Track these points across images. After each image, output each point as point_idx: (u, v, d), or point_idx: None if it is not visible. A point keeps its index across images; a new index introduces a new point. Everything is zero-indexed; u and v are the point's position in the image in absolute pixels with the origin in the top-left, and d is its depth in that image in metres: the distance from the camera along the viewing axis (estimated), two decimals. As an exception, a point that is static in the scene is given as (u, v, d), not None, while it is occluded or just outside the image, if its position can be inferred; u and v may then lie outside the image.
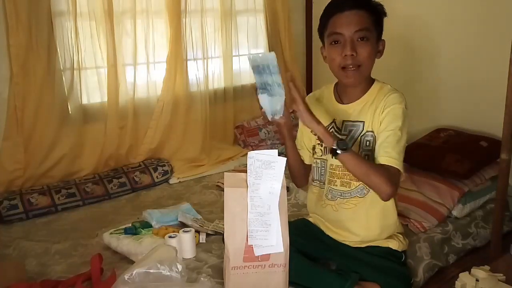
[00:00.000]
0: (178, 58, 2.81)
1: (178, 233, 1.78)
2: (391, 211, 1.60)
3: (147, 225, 1.96)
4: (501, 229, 1.96)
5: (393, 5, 2.62)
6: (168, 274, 1.31)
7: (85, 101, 2.63)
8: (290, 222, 1.45)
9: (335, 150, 1.37)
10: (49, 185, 2.45)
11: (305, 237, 1.65)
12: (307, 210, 1.80)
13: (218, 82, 3.09)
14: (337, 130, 1.58)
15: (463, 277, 1.37)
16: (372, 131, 1.52)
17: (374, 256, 1.57)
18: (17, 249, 1.96)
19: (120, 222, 2.07)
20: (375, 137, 1.51)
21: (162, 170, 2.71)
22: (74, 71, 2.53)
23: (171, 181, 2.72)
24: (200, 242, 1.87)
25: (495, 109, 2.14)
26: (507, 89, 1.77)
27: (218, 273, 1.63)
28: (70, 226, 2.20)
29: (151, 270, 1.30)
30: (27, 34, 2.33)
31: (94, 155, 2.65)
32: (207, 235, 1.92)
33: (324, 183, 1.63)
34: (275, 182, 1.39)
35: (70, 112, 2.59)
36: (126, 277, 1.28)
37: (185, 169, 2.82)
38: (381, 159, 1.44)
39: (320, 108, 1.63)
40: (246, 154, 1.41)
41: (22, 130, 2.42)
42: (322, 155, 1.63)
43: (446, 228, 2.00)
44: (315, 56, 3.42)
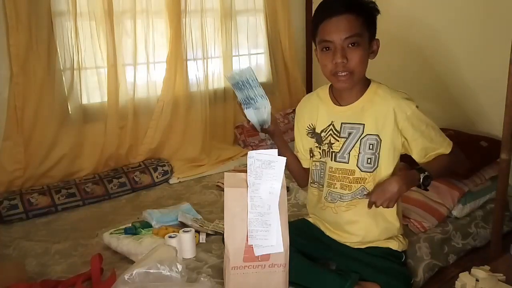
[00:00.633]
0: (178, 58, 2.81)
1: (178, 233, 1.78)
2: (392, 213, 1.59)
3: (147, 225, 1.96)
4: (501, 229, 1.95)
5: (393, 5, 2.63)
6: (168, 274, 1.30)
7: (85, 101, 2.64)
8: (290, 222, 1.45)
9: (426, 186, 1.47)
10: (49, 185, 2.45)
11: (305, 237, 1.65)
12: (307, 210, 1.80)
13: (218, 82, 3.09)
14: (335, 133, 1.58)
15: (463, 277, 1.37)
16: (376, 135, 1.51)
17: (374, 256, 1.57)
18: (17, 249, 1.96)
19: (120, 222, 2.07)
20: (380, 140, 1.51)
21: (162, 170, 2.71)
22: (74, 71, 2.53)
23: (171, 181, 2.72)
24: (200, 242, 1.87)
25: (495, 109, 2.14)
26: (507, 89, 1.76)
27: (218, 273, 1.63)
28: (70, 226, 2.20)
29: (151, 270, 1.30)
30: (27, 34, 2.33)
31: (94, 155, 2.65)
32: (207, 235, 1.92)
33: (323, 186, 1.63)
34: (275, 182, 1.39)
35: (70, 112, 2.59)
36: (126, 277, 1.28)
37: (185, 169, 2.82)
38: (441, 152, 1.55)
39: (321, 108, 1.62)
40: (246, 154, 1.41)
41: (22, 130, 2.42)
42: (321, 158, 1.63)
43: (446, 228, 2.00)
44: (315, 56, 3.41)
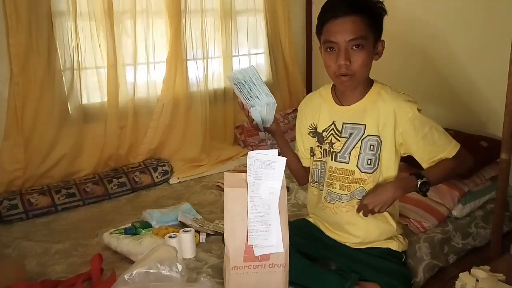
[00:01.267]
0: (178, 58, 2.81)
1: (178, 233, 1.78)
2: (391, 214, 1.60)
3: (147, 225, 1.96)
4: (501, 229, 1.95)
5: (394, 5, 2.63)
6: (168, 274, 1.30)
7: (85, 101, 2.64)
8: (290, 222, 1.45)
9: (424, 192, 1.47)
10: (49, 185, 2.46)
11: (305, 237, 1.65)
12: (307, 210, 1.80)
13: (218, 82, 3.09)
14: (336, 132, 1.58)
15: (463, 277, 1.37)
16: (377, 136, 1.51)
17: (374, 256, 1.57)
18: (17, 249, 1.96)
19: (120, 222, 2.07)
20: (380, 142, 1.51)
21: (162, 170, 2.71)
22: (74, 71, 2.53)
23: (171, 181, 2.72)
24: (200, 242, 1.87)
25: (495, 109, 2.14)
26: (507, 89, 1.76)
27: (218, 273, 1.63)
28: (70, 226, 2.20)
29: (151, 270, 1.30)
30: (27, 34, 2.33)
31: (94, 155, 2.65)
32: (207, 235, 1.92)
33: (323, 185, 1.63)
34: (275, 182, 1.39)
35: (70, 112, 2.59)
36: (126, 277, 1.28)
37: (185, 169, 2.82)
38: (445, 156, 1.51)
39: (323, 108, 1.62)
40: (246, 154, 1.41)
41: (22, 130, 2.42)
42: (321, 157, 1.63)
43: (446, 228, 2.00)
44: (315, 56, 3.42)
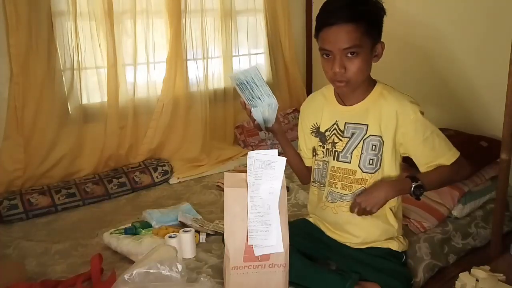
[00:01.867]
0: (178, 58, 2.81)
1: (178, 233, 1.78)
2: (392, 215, 1.60)
3: (147, 225, 1.95)
4: (501, 229, 1.95)
5: (395, 6, 2.63)
6: (168, 274, 1.30)
7: (85, 101, 2.64)
8: (290, 222, 1.45)
9: (418, 195, 1.49)
10: (49, 185, 2.45)
11: (305, 237, 1.65)
12: (307, 210, 1.80)
13: (218, 82, 3.09)
14: (339, 132, 1.58)
15: (463, 277, 1.37)
16: (379, 136, 1.51)
17: (374, 256, 1.57)
18: (17, 249, 1.96)
19: (120, 222, 2.07)
20: (382, 142, 1.51)
21: (162, 170, 2.71)
22: (74, 71, 2.53)
23: (171, 181, 2.72)
24: (200, 242, 1.87)
25: (495, 109, 2.14)
26: (507, 89, 1.76)
27: (218, 273, 1.63)
28: (70, 226, 2.20)
29: (151, 270, 1.30)
30: (27, 34, 2.33)
31: (94, 155, 2.65)
32: (207, 235, 1.92)
33: (324, 185, 1.63)
34: (275, 182, 1.39)
35: (70, 112, 2.59)
36: (126, 277, 1.28)
37: (185, 169, 2.82)
38: (443, 162, 1.52)
39: (326, 108, 1.63)
40: (246, 154, 1.41)
41: (22, 130, 2.42)
42: (323, 157, 1.63)
43: (446, 228, 2.00)
44: (315, 56, 3.41)
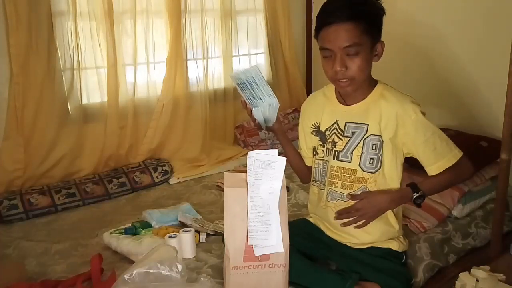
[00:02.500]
0: (178, 58, 2.81)
1: (178, 233, 1.78)
2: (393, 216, 1.60)
3: (147, 225, 1.95)
4: (501, 229, 1.95)
5: (395, 6, 2.63)
6: (168, 274, 1.30)
7: (85, 101, 2.64)
8: (290, 222, 1.45)
9: (419, 204, 1.53)
10: (49, 185, 2.45)
11: (305, 237, 1.65)
12: (307, 210, 1.80)
13: (218, 82, 3.09)
14: (339, 131, 1.58)
15: (463, 277, 1.37)
16: (379, 136, 1.51)
17: (374, 256, 1.57)
18: (17, 249, 1.96)
19: (120, 222, 2.07)
20: (382, 141, 1.51)
21: (162, 170, 2.71)
22: (74, 71, 2.53)
23: (171, 181, 2.72)
24: (200, 242, 1.87)
25: (495, 109, 2.14)
26: (507, 89, 1.76)
27: (218, 273, 1.63)
28: (70, 226, 2.20)
29: (151, 270, 1.30)
30: (27, 34, 2.33)
31: (94, 155, 2.65)
32: (207, 235, 1.92)
33: (324, 185, 1.63)
34: (275, 182, 1.39)
35: (70, 112, 2.59)
36: (126, 277, 1.28)
37: (185, 169, 2.82)
38: (439, 167, 1.54)
39: (326, 107, 1.63)
40: (246, 154, 1.41)
41: (22, 130, 2.42)
42: (323, 156, 1.63)
43: (446, 228, 2.00)
44: (315, 56, 3.41)
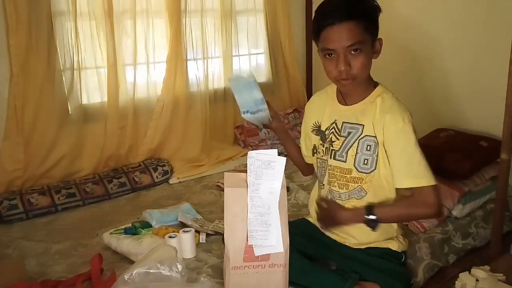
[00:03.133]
0: (178, 58, 2.81)
1: (178, 233, 1.78)
2: None
3: (147, 225, 1.95)
4: (501, 229, 1.95)
5: (394, 7, 2.63)
6: (168, 274, 1.30)
7: (85, 101, 2.64)
8: (290, 222, 1.45)
9: (373, 227, 1.48)
10: (49, 185, 2.45)
11: (305, 237, 1.65)
12: (307, 210, 1.79)
13: (218, 82, 3.09)
14: (337, 131, 1.59)
15: (463, 277, 1.37)
16: (374, 137, 1.51)
17: (374, 256, 1.57)
18: (17, 249, 1.96)
19: (120, 222, 2.07)
20: (377, 142, 1.51)
21: (162, 170, 2.71)
22: (74, 71, 2.54)
23: (171, 181, 2.72)
24: (200, 242, 1.87)
25: (495, 109, 2.14)
26: (507, 89, 1.76)
27: (218, 273, 1.63)
28: (70, 226, 2.20)
29: (151, 270, 1.30)
30: (27, 34, 2.33)
31: (94, 155, 2.65)
32: (207, 235, 1.92)
33: (323, 184, 1.64)
34: (275, 182, 1.39)
35: (70, 112, 2.60)
36: (126, 277, 1.28)
37: (185, 169, 2.82)
38: (408, 182, 1.45)
39: (327, 106, 1.64)
40: (246, 154, 1.41)
41: (22, 130, 2.42)
42: (323, 155, 1.63)
43: (446, 228, 2.00)
44: (315, 56, 3.41)
